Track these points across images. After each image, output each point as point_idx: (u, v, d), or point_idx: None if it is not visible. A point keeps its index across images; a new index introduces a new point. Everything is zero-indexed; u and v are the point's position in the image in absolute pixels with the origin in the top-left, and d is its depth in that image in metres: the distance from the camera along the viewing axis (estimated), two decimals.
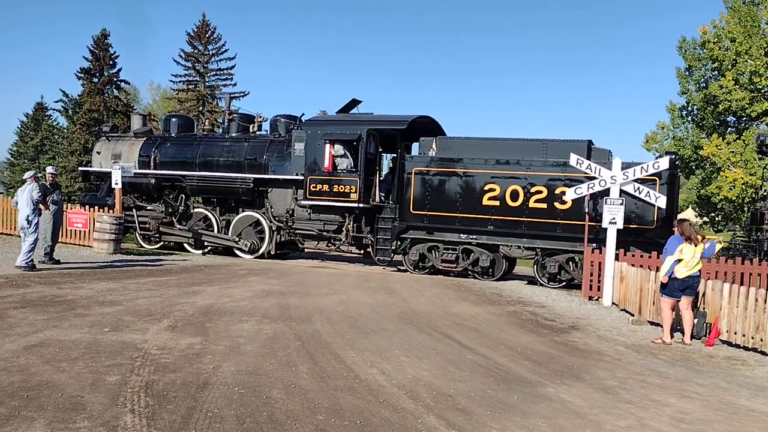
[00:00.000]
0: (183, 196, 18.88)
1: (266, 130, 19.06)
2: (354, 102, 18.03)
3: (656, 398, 6.13)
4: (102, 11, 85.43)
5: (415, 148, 17.25)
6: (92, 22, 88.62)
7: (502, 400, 5.73)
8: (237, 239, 17.80)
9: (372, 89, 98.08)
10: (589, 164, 13.39)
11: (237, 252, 17.98)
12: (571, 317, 10.87)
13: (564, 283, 14.85)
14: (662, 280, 9.24)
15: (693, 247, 9.10)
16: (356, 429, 4.79)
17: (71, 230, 17.88)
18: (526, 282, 15.49)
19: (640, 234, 13.98)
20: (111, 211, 17.32)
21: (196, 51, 44.53)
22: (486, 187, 15.10)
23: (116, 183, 17.24)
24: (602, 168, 13.17)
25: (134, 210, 18.87)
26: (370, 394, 5.64)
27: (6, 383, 5.34)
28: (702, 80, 28.75)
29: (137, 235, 19.12)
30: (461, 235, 15.45)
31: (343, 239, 16.96)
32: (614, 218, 12.56)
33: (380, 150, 17.80)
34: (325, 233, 17.24)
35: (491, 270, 15.48)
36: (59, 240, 14.65)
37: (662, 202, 13.13)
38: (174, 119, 20.40)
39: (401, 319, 9.48)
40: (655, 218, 13.91)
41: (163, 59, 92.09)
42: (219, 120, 24.21)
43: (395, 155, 17.30)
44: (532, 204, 14.75)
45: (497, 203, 14.99)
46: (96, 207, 18.10)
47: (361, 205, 16.34)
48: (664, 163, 13.18)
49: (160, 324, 8.02)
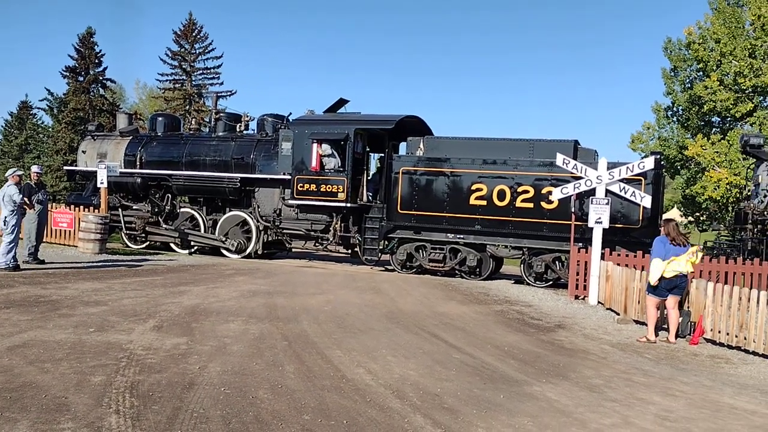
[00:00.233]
0: (169, 196, 18.79)
1: (253, 130, 19.00)
2: (341, 101, 18.01)
3: (641, 396, 6.17)
4: (88, 9, 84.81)
5: (403, 148, 17.25)
6: (78, 21, 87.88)
7: (489, 399, 5.75)
8: (224, 239, 17.73)
9: (360, 89, 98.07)
10: (576, 164, 13.47)
11: (224, 252, 17.91)
12: (558, 316, 10.93)
13: (551, 283, 14.93)
14: (653, 283, 9.21)
15: (685, 255, 9.11)
16: (343, 428, 4.79)
17: (56, 230, 17.78)
18: (513, 281, 15.56)
19: (626, 233, 14.07)
20: (96, 211, 17.20)
21: (183, 50, 44.33)
22: (473, 187, 15.14)
23: (102, 182, 17.12)
24: (588, 168, 13.26)
25: (120, 209, 18.74)
26: (357, 394, 5.64)
27: None
28: (687, 81, 28.99)
29: (123, 235, 19.00)
30: (448, 235, 15.49)
31: (331, 239, 16.95)
32: (600, 218, 12.64)
33: (368, 149, 17.79)
34: (313, 233, 17.21)
35: (478, 269, 15.52)
36: (44, 240, 14.52)
37: (647, 202, 13.25)
38: (160, 118, 20.30)
39: (388, 319, 9.48)
40: (641, 218, 14.00)
41: (150, 58, 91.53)
42: (206, 119, 24.15)
43: (383, 155, 17.32)
44: (519, 203, 14.81)
45: (484, 203, 15.04)
46: (81, 206, 17.99)
47: (349, 205, 16.33)
48: (650, 163, 13.31)
49: (146, 324, 7.97)
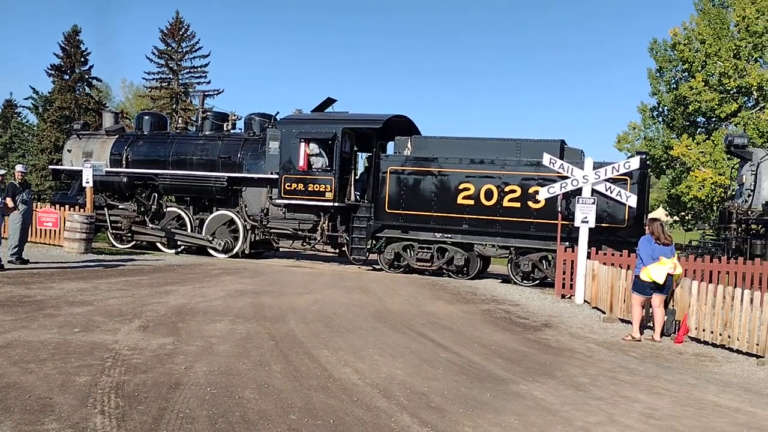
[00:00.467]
0: (156, 195, 18.69)
1: (240, 129, 18.95)
2: (329, 101, 17.99)
3: (626, 394, 6.22)
4: (74, 8, 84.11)
5: (391, 148, 17.28)
6: (64, 19, 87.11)
7: (475, 398, 5.77)
8: (211, 238, 17.66)
9: (348, 88, 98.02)
10: (562, 164, 13.54)
11: (211, 251, 17.84)
12: (544, 315, 10.98)
13: (537, 282, 14.99)
14: (660, 282, 9.10)
15: (670, 261, 9.17)
16: (329, 428, 4.79)
17: (41, 229, 17.62)
18: (501, 280, 15.61)
19: (612, 233, 14.17)
20: (82, 210, 17.08)
21: (170, 48, 44.08)
22: (461, 186, 15.18)
23: (87, 181, 17.00)
24: (575, 168, 13.33)
25: (106, 209, 18.61)
26: (344, 393, 5.64)
27: None
28: (672, 81, 29.19)
29: (109, 235, 18.87)
30: (436, 234, 15.51)
31: (319, 238, 16.93)
32: (586, 217, 12.71)
33: (355, 149, 17.78)
34: (300, 232, 17.18)
35: (466, 269, 15.57)
36: (29, 239, 14.39)
37: (633, 202, 13.34)
38: (147, 117, 20.19)
39: (376, 318, 9.49)
40: (626, 217, 14.10)
41: (136, 57, 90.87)
42: (192, 118, 24.04)
43: (370, 154, 17.31)
44: (506, 203, 14.86)
45: (472, 202, 15.08)
46: (67, 206, 17.84)
47: (337, 204, 16.32)
48: (635, 163, 13.39)
49: (132, 324, 7.93)
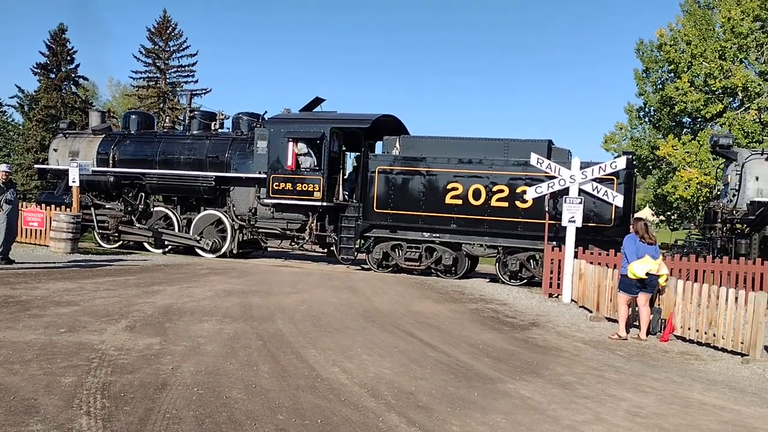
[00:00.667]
0: (143, 195, 18.59)
1: (228, 128, 18.88)
2: (317, 100, 17.96)
3: (612, 393, 6.26)
4: (60, 6, 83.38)
5: (379, 147, 17.27)
6: (50, 18, 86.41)
7: (463, 397, 5.78)
8: (198, 238, 17.58)
9: (338, 87, 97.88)
10: (549, 164, 13.60)
11: (198, 251, 17.76)
12: (532, 314, 11.03)
13: (525, 281, 15.05)
14: (643, 276, 9.16)
15: (655, 260, 9.23)
16: (317, 428, 4.78)
17: (27, 229, 17.47)
18: (488, 280, 15.66)
19: (599, 232, 14.25)
20: (68, 210, 16.96)
21: (157, 47, 43.84)
22: (449, 186, 15.21)
23: (74, 181, 16.88)
24: (562, 167, 13.40)
25: (92, 209, 18.48)
26: (332, 393, 5.64)
27: None
28: (659, 82, 29.44)
29: (95, 235, 18.75)
30: (424, 234, 15.54)
31: (307, 238, 16.90)
32: (573, 217, 12.78)
33: (344, 149, 17.77)
34: (289, 232, 17.15)
35: (454, 268, 15.60)
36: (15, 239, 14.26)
37: (619, 201, 13.43)
38: (134, 116, 20.09)
39: (364, 318, 9.49)
40: (613, 217, 14.19)
41: (124, 55, 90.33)
42: (180, 117, 23.91)
43: (359, 154, 17.31)
44: (494, 203, 14.91)
45: (460, 202, 15.12)
46: (53, 205, 17.71)
47: (325, 204, 16.30)
48: (622, 163, 13.49)
49: (118, 324, 7.88)
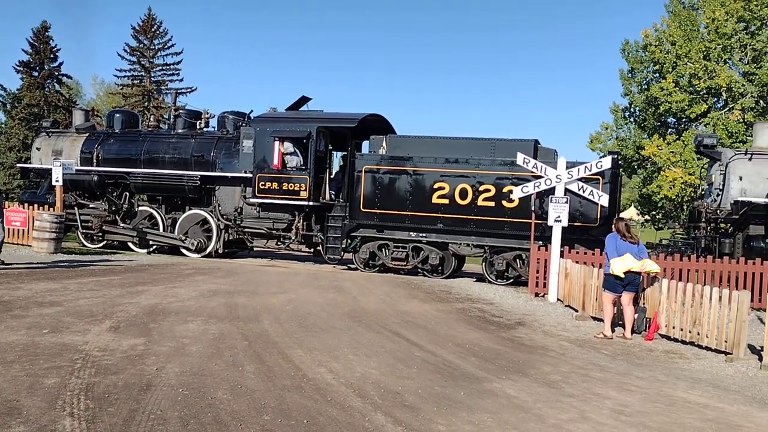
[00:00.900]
0: (127, 194, 18.45)
1: (213, 127, 18.78)
2: (304, 99, 17.91)
3: (598, 391, 6.29)
4: (44, 3, 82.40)
5: (366, 147, 17.25)
6: (33, 15, 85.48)
7: (449, 397, 5.79)
8: (183, 238, 17.47)
9: (323, 86, 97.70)
10: (536, 163, 13.65)
11: (183, 251, 17.64)
12: (518, 313, 11.06)
13: (511, 280, 15.10)
14: (621, 274, 9.19)
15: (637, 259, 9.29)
16: (303, 428, 4.76)
17: (9, 229, 17.25)
18: (475, 279, 15.69)
19: (584, 232, 14.32)
20: (51, 209, 16.80)
21: (142, 45, 43.56)
22: (435, 186, 15.22)
23: (57, 180, 16.74)
24: (548, 167, 13.45)
25: (76, 208, 18.32)
26: (318, 393, 5.62)
27: None
28: (644, 82, 29.64)
29: (79, 234, 18.58)
30: (411, 233, 15.54)
31: (293, 238, 16.84)
32: (559, 216, 12.83)
33: (330, 148, 17.73)
34: (275, 232, 17.08)
35: (441, 268, 15.61)
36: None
37: (605, 201, 13.51)
38: (118, 115, 19.94)
39: (351, 318, 9.47)
40: (599, 216, 14.26)
41: (108, 54, 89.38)
42: (165, 116, 23.76)
43: (345, 153, 17.28)
44: (481, 202, 14.94)
45: (446, 201, 15.13)
46: (36, 205, 17.54)
47: (311, 203, 16.25)
48: (607, 163, 13.55)
49: (102, 325, 7.81)
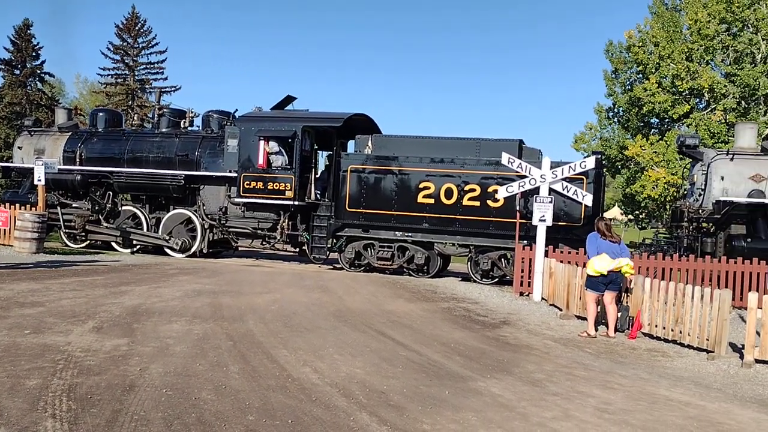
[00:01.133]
0: (110, 194, 18.31)
1: (198, 126, 18.69)
2: (289, 98, 17.87)
3: (581, 390, 6.33)
4: (26, 0, 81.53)
5: (351, 146, 17.24)
6: (14, 12, 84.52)
7: (434, 396, 5.80)
8: (167, 238, 17.36)
9: (309, 85, 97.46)
10: (520, 163, 13.72)
11: (167, 251, 17.54)
12: (503, 313, 11.10)
13: (497, 280, 15.15)
14: (605, 273, 9.25)
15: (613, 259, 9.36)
16: (288, 428, 4.75)
17: None
18: (460, 279, 15.74)
19: (569, 231, 14.41)
20: (33, 209, 16.63)
21: (125, 44, 43.20)
22: (421, 185, 15.24)
23: (39, 179, 16.57)
24: (532, 167, 13.52)
25: (59, 207, 18.15)
26: (303, 393, 5.61)
27: None
28: (627, 83, 29.88)
29: (62, 234, 18.42)
30: (397, 233, 15.55)
31: (278, 237, 16.79)
32: (544, 216, 12.90)
33: (316, 147, 17.70)
34: (260, 231, 17.02)
35: (426, 267, 15.64)
36: None
37: (589, 200, 13.61)
38: (101, 114, 19.80)
39: (336, 317, 9.46)
40: (582, 216, 14.36)
41: (91, 52, 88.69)
42: (149, 115, 23.60)
43: (331, 153, 17.25)
44: (466, 202, 14.98)
45: (432, 201, 15.16)
46: (17, 204, 17.36)
47: (297, 203, 16.22)
48: (591, 163, 13.66)
49: (85, 325, 7.74)
